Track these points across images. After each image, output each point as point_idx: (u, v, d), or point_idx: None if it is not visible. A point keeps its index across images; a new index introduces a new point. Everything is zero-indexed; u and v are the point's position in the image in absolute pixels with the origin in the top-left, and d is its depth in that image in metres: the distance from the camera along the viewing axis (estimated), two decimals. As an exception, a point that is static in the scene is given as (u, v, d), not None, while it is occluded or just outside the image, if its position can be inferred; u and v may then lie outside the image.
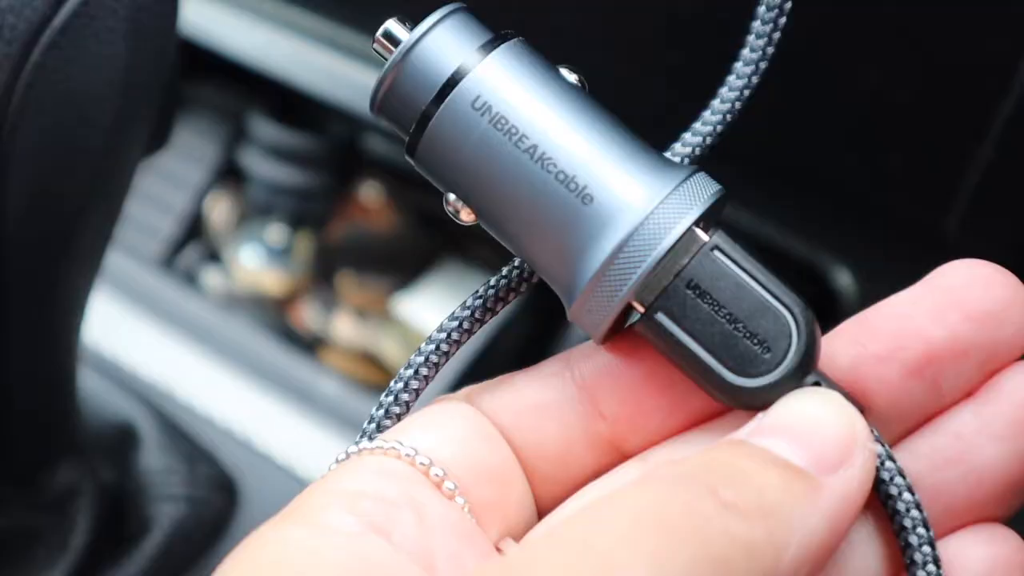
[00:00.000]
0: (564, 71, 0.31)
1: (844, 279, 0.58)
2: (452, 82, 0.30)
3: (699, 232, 0.30)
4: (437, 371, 0.33)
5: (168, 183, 0.81)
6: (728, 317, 0.30)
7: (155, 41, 0.41)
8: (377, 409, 0.32)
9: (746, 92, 0.33)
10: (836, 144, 0.54)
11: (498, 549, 0.31)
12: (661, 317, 0.30)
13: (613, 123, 0.31)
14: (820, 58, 0.50)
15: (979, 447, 0.30)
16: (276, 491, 0.61)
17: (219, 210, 0.82)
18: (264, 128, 0.81)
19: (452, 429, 0.32)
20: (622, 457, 0.32)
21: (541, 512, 0.33)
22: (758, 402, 0.30)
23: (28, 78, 0.38)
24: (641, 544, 0.25)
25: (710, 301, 0.30)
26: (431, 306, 0.77)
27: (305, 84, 0.72)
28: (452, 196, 0.31)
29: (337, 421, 0.66)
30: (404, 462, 0.31)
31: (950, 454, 0.30)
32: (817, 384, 0.30)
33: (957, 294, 0.30)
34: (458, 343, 0.33)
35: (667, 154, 0.33)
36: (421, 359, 0.33)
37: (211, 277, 0.80)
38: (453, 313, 0.33)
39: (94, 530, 0.53)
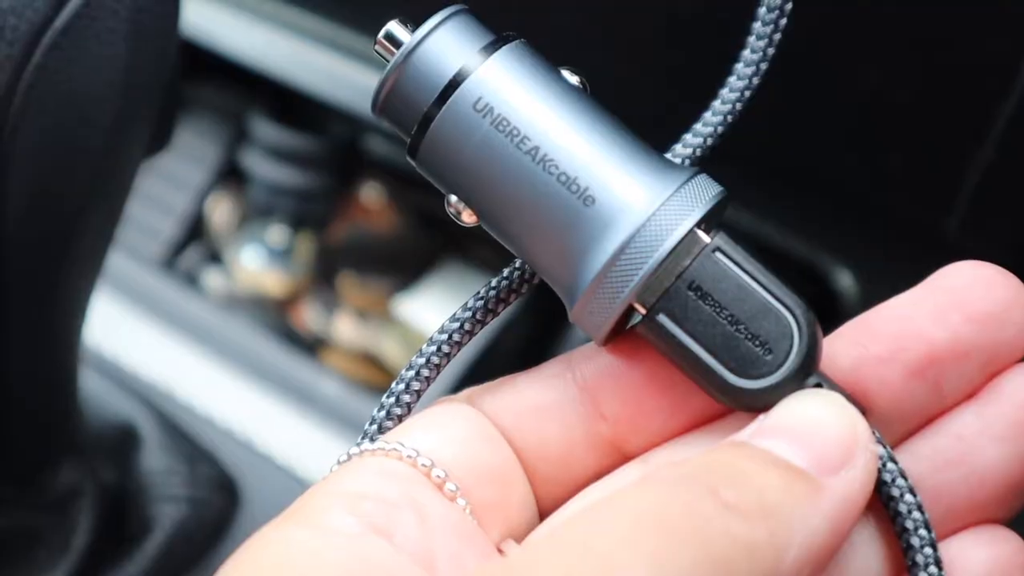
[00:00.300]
0: (566, 73, 0.31)
1: (845, 280, 0.58)
2: (454, 84, 0.30)
3: (700, 234, 0.30)
4: (438, 372, 0.33)
5: (169, 184, 0.81)
6: (730, 319, 0.30)
7: (156, 42, 0.41)
8: (378, 410, 0.32)
9: (747, 93, 0.33)
10: (836, 144, 0.54)
11: (499, 550, 0.31)
12: (663, 319, 0.30)
13: (615, 125, 0.31)
14: (820, 58, 0.50)
15: (980, 448, 0.30)
16: (277, 492, 0.61)
17: (220, 211, 0.82)
18: (265, 129, 0.81)
19: (453, 430, 0.32)
20: (624, 458, 0.32)
21: (543, 513, 0.33)
22: (759, 403, 0.30)
23: (30, 79, 0.38)
24: (642, 545, 0.25)
25: (712, 303, 0.30)
26: (432, 307, 0.77)
27: (306, 85, 0.72)
28: (454, 198, 0.31)
29: (338, 422, 0.66)
30: (406, 463, 0.31)
31: (951, 455, 0.30)
32: (818, 386, 0.30)
33: (959, 295, 0.30)
34: (459, 344, 0.33)
35: (668, 155, 0.33)
36: (422, 360, 0.33)
37: (212, 278, 0.80)
38: (454, 314, 0.33)
39: (95, 531, 0.53)
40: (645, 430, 0.32)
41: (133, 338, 0.70)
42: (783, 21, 0.33)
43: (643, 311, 0.30)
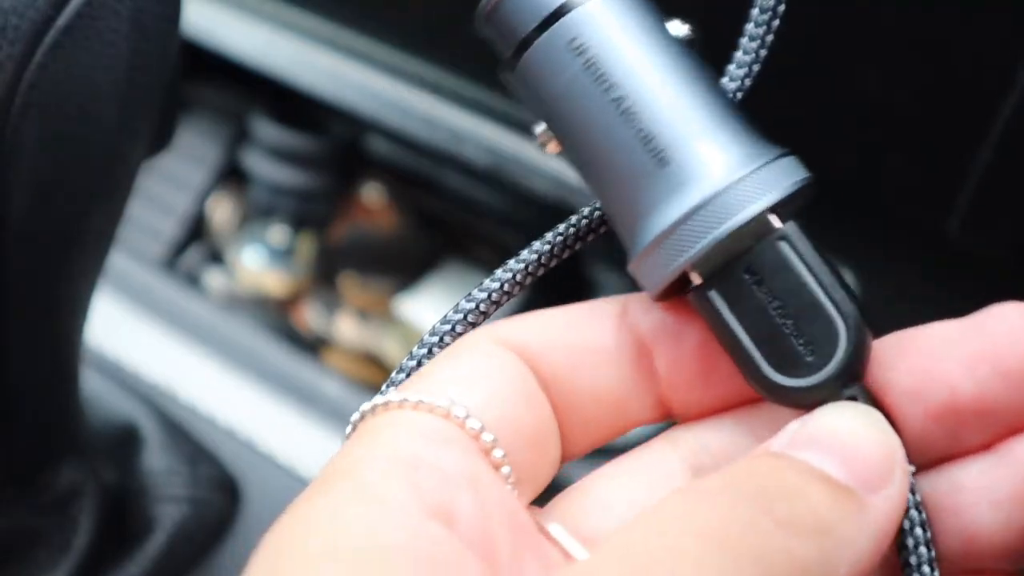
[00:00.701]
0: (674, 24, 0.31)
1: (846, 279, 0.58)
2: (556, 15, 0.30)
3: (772, 218, 0.29)
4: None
5: (170, 184, 0.81)
6: (780, 311, 0.29)
7: (157, 42, 0.41)
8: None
9: (739, 95, 0.33)
10: (836, 144, 0.54)
11: (544, 531, 0.29)
12: (713, 295, 0.29)
13: (709, 86, 0.30)
14: (819, 58, 0.50)
15: (977, 508, 0.29)
16: (278, 492, 0.61)
17: (221, 211, 0.82)
18: (266, 129, 0.81)
19: (498, 386, 0.29)
20: (664, 416, 0.31)
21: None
22: (791, 401, 0.29)
23: (31, 78, 0.38)
24: (707, 563, 0.24)
25: (766, 291, 0.29)
26: (433, 307, 0.77)
27: (307, 85, 0.72)
28: (542, 126, 0.31)
29: (339, 422, 0.66)
30: (452, 423, 0.28)
31: (948, 504, 0.29)
32: (853, 398, 0.29)
33: (995, 344, 0.28)
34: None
35: None
36: (412, 364, 0.31)
37: (213, 278, 0.80)
38: (457, 305, 0.32)
39: (96, 531, 0.53)
40: (693, 397, 0.31)
41: (134, 338, 0.70)
42: (776, 22, 0.32)
43: (698, 280, 0.29)
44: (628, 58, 0.29)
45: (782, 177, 0.29)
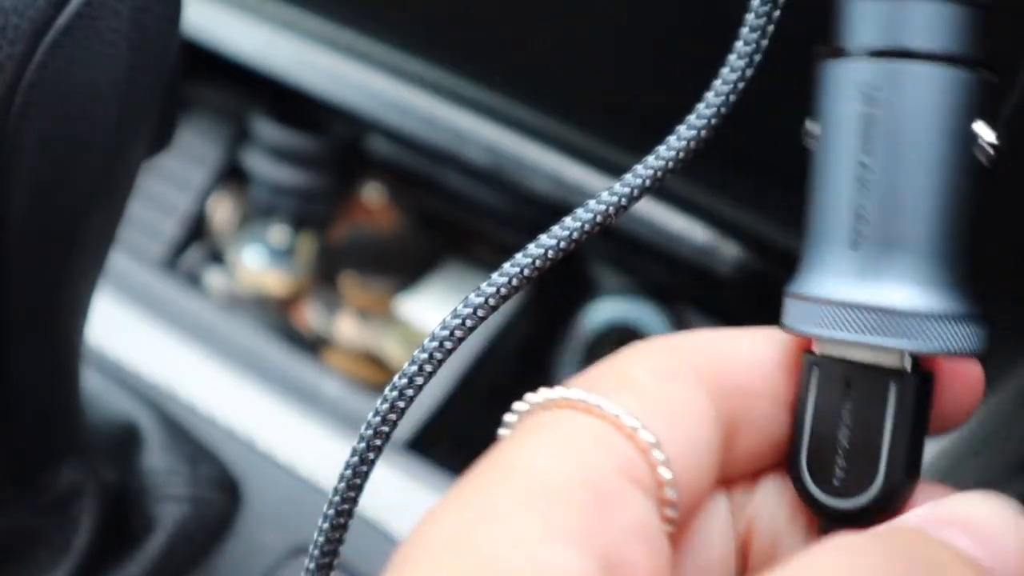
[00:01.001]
0: (981, 126, 0.29)
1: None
2: (884, 53, 0.28)
3: (906, 359, 0.29)
4: (439, 367, 0.32)
5: (170, 184, 0.81)
6: (846, 429, 0.29)
7: (158, 41, 0.41)
8: (381, 403, 0.31)
9: (740, 84, 0.32)
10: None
11: None
12: (813, 372, 0.29)
13: (955, 205, 0.29)
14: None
15: None
16: (278, 492, 0.61)
17: (222, 211, 0.82)
18: (266, 129, 0.81)
19: (693, 436, 0.27)
20: None
21: None
22: (801, 496, 0.30)
23: (31, 78, 0.38)
24: None
25: (849, 407, 0.29)
26: (434, 307, 0.77)
27: (307, 85, 0.72)
28: (812, 126, 0.30)
29: (340, 421, 0.66)
30: (645, 460, 0.25)
31: None
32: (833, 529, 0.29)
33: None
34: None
35: (662, 147, 0.32)
36: (423, 357, 0.31)
37: (214, 278, 0.80)
38: (467, 299, 0.32)
39: (96, 530, 0.53)
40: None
41: (135, 338, 0.70)
42: (776, 13, 0.32)
43: (815, 349, 0.30)
44: (905, 145, 0.28)
45: (952, 338, 0.28)
